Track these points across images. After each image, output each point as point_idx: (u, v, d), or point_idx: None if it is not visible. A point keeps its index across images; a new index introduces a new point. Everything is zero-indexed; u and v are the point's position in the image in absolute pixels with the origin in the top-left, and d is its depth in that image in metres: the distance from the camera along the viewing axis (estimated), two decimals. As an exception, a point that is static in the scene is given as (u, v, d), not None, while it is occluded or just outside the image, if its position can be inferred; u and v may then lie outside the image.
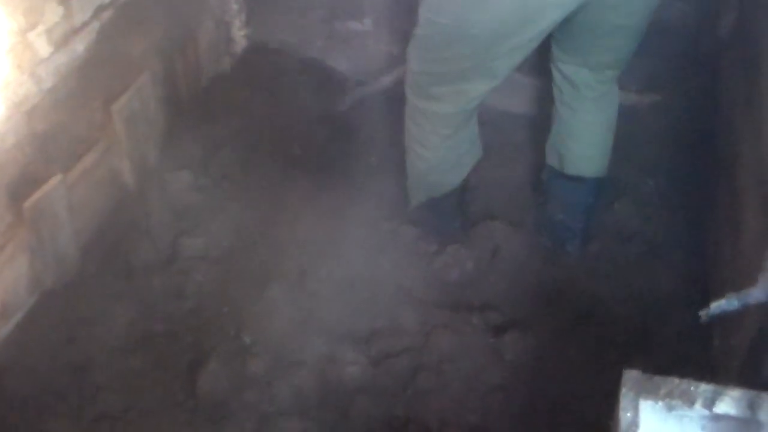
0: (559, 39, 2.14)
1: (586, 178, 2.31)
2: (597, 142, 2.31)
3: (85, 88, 2.19)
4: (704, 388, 1.26)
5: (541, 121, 2.59)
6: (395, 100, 2.77)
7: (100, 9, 2.21)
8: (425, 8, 1.99)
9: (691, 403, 1.24)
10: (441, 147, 2.22)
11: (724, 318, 1.60)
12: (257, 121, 2.73)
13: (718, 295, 1.55)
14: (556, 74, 2.25)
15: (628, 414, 1.24)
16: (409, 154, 2.29)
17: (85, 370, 2.02)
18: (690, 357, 2.06)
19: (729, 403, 1.24)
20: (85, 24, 2.16)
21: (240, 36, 2.83)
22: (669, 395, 1.25)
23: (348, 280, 2.27)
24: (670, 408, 1.24)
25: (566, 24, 1.98)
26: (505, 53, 1.97)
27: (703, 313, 1.53)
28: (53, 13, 2.03)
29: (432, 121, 2.17)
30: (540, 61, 2.42)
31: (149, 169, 2.48)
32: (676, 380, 1.27)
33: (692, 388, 1.26)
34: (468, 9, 1.89)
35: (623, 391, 1.26)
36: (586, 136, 2.30)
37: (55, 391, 1.97)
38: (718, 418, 1.24)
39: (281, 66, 2.90)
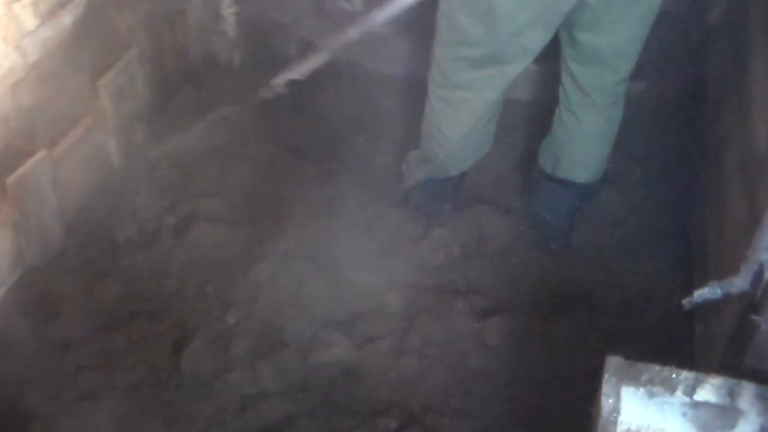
0: (575, 23, 2.05)
1: (578, 183, 2.29)
2: (597, 150, 2.27)
3: (71, 63, 2.17)
4: (685, 375, 1.27)
5: (537, 107, 2.59)
6: (386, 79, 2.77)
7: (87, -17, 2.18)
8: (446, 5, 1.96)
9: (672, 390, 1.25)
10: (462, 137, 2.18)
11: (706, 306, 1.61)
12: (246, 100, 2.71)
13: (702, 283, 1.57)
14: (565, 77, 2.19)
15: (610, 400, 1.25)
16: (425, 137, 2.25)
17: (68, 348, 2.01)
18: (671, 344, 2.08)
19: (710, 391, 1.25)
20: (72, -3, 2.13)
21: (229, 13, 2.80)
22: (650, 382, 1.26)
23: (332, 262, 2.26)
24: (651, 395, 1.25)
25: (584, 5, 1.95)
26: (528, 25, 1.92)
27: (686, 301, 1.54)
28: (39, -14, 2.00)
29: (458, 111, 2.13)
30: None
31: (135, 146, 2.46)
32: (658, 367, 1.28)
33: (673, 376, 1.27)
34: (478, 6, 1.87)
35: (605, 377, 1.27)
36: (587, 145, 2.25)
37: (37, 369, 1.96)
38: (698, 405, 1.25)
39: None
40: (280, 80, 2.47)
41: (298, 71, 2.45)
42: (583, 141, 2.24)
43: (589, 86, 2.14)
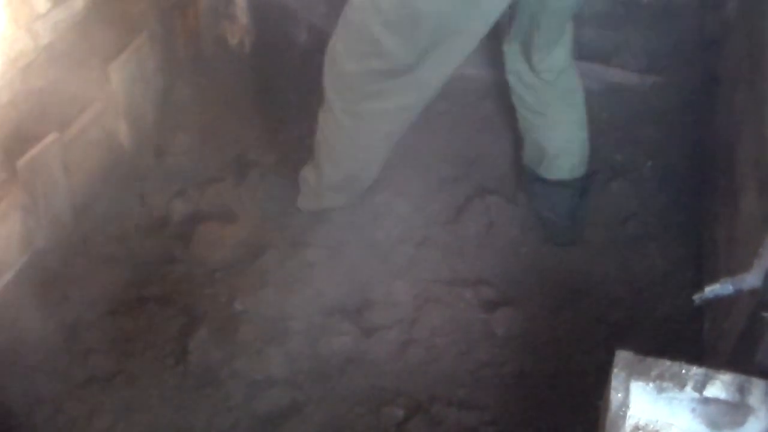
0: (507, 23, 2.06)
1: (570, 180, 2.27)
2: (572, 141, 2.25)
3: (82, 46, 2.16)
4: (695, 371, 1.26)
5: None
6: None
7: (99, -34, 2.18)
8: None
9: (681, 385, 1.24)
10: (380, 144, 2.05)
11: (716, 302, 1.61)
12: (258, 85, 2.70)
13: (713, 279, 1.56)
14: (513, 81, 2.18)
15: (619, 394, 1.25)
16: (331, 159, 2.10)
17: (76, 332, 2.02)
18: (680, 340, 2.07)
19: (719, 387, 1.24)
20: (84, -19, 2.13)
21: (241, -1, 2.80)
22: (660, 377, 1.25)
23: (341, 250, 2.26)
24: (660, 390, 1.25)
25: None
26: (457, 33, 1.81)
27: (696, 297, 1.53)
28: (52, -31, 2.00)
29: (372, 121, 1.98)
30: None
31: (145, 130, 2.46)
32: (668, 362, 1.27)
33: (683, 371, 1.27)
34: None
35: (615, 371, 1.27)
36: (560, 138, 2.23)
37: (45, 352, 1.96)
38: (707, 401, 1.24)
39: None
40: None
41: None
42: (556, 135, 2.22)
43: (534, 80, 2.12)
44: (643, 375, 1.26)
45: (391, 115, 1.97)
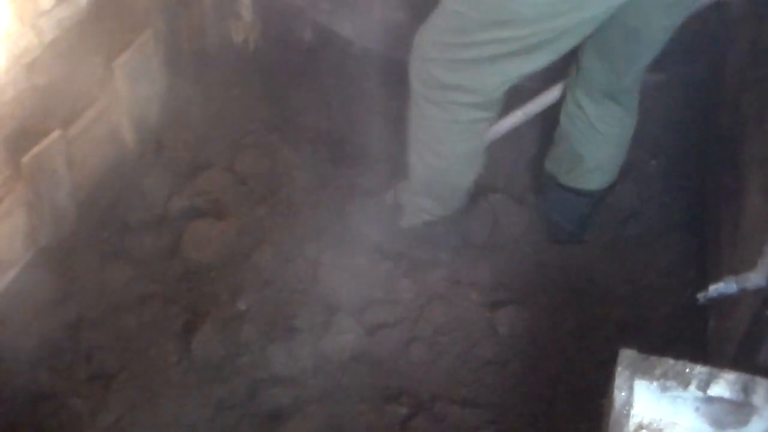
0: (589, 51, 2.00)
1: (593, 191, 2.24)
2: (615, 156, 2.20)
3: (86, 43, 2.16)
4: (699, 370, 1.26)
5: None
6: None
7: (104, -37, 2.17)
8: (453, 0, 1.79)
9: (685, 384, 1.24)
10: (460, 138, 2.00)
11: (720, 301, 1.60)
12: (263, 82, 2.70)
13: (717, 277, 1.55)
14: (571, 102, 2.12)
15: (623, 393, 1.24)
16: (418, 154, 2.07)
17: (80, 329, 2.02)
18: (684, 338, 2.07)
19: (723, 386, 1.24)
20: (88, -23, 2.13)
21: (245, -5, 2.79)
22: (664, 376, 1.25)
23: (345, 248, 2.26)
24: (664, 389, 1.24)
25: (604, 28, 1.84)
26: (555, 38, 1.76)
27: (700, 296, 1.53)
28: (56, -35, 2.00)
29: (451, 110, 1.95)
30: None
31: (149, 127, 2.46)
32: (672, 361, 1.27)
33: (687, 370, 1.26)
34: None
35: (618, 369, 1.26)
36: (603, 152, 2.17)
37: (49, 349, 1.97)
38: (711, 400, 1.24)
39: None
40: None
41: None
42: (602, 152, 2.17)
43: (611, 95, 2.06)
44: (646, 374, 1.25)
45: (469, 108, 1.95)
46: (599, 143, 2.16)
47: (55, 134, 2.08)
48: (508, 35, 1.77)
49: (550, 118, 2.34)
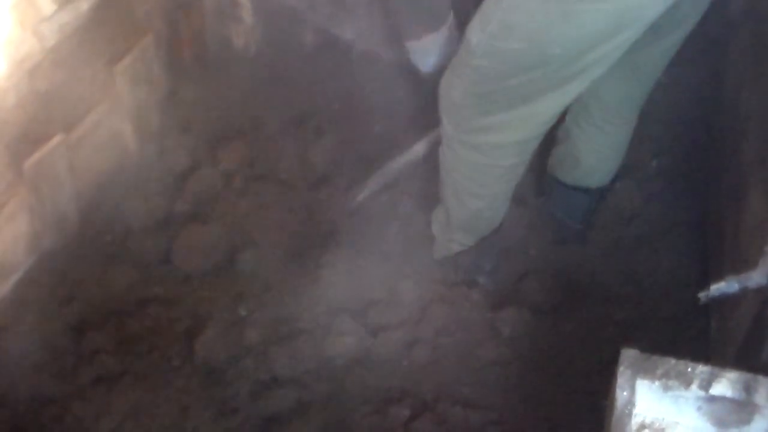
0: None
1: (596, 188, 2.24)
2: (619, 155, 2.19)
3: (88, 48, 2.17)
4: (701, 369, 1.26)
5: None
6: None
7: (104, -32, 2.18)
8: (485, 36, 1.66)
9: (687, 383, 1.24)
10: (501, 180, 1.95)
11: (722, 300, 1.60)
12: (263, 86, 2.71)
13: (718, 277, 1.55)
14: (571, 115, 2.09)
15: (625, 393, 1.24)
16: (456, 195, 2.01)
17: (82, 332, 2.03)
18: (686, 338, 2.07)
19: (725, 385, 1.24)
20: (89, -17, 2.13)
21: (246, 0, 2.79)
22: (666, 375, 1.25)
23: (347, 249, 2.26)
24: (666, 388, 1.24)
25: None
26: (587, 67, 1.66)
27: (702, 295, 1.53)
28: (57, -29, 2.00)
29: (490, 154, 1.87)
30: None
31: (151, 132, 2.47)
32: (673, 361, 1.27)
33: (689, 369, 1.26)
34: (551, 25, 1.56)
35: (620, 369, 1.26)
36: (610, 153, 2.17)
37: (52, 352, 1.97)
38: (714, 399, 1.24)
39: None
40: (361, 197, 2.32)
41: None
42: (607, 150, 2.16)
43: (616, 102, 2.03)
44: (648, 373, 1.25)
45: (507, 149, 1.87)
46: (603, 142, 2.14)
47: (57, 139, 2.08)
48: (539, 75, 1.68)
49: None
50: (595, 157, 2.18)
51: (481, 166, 1.91)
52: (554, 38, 1.59)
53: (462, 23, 1.92)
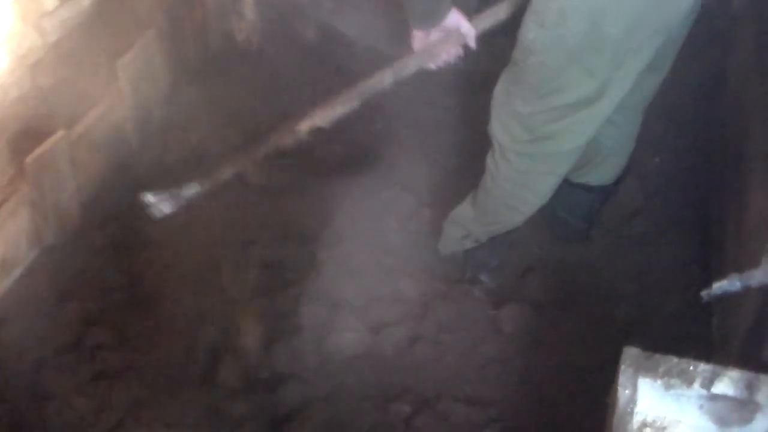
0: None
1: (601, 186, 2.23)
2: (626, 146, 2.18)
3: (90, 43, 2.17)
4: (703, 367, 1.26)
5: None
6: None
7: (107, -37, 2.18)
8: (543, 29, 1.74)
9: (689, 382, 1.24)
10: (553, 186, 2.01)
11: (724, 298, 1.60)
12: (265, 81, 2.71)
13: (721, 275, 1.55)
14: None
15: (627, 391, 1.24)
16: (505, 204, 2.05)
17: (84, 328, 2.02)
18: (688, 336, 2.06)
19: (727, 384, 1.24)
20: (91, -22, 2.13)
21: (248, -5, 2.80)
22: (668, 374, 1.25)
23: (348, 246, 2.26)
24: (668, 387, 1.24)
25: None
26: (634, 53, 1.75)
27: (704, 293, 1.52)
28: (59, -34, 2.00)
29: (547, 162, 1.94)
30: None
31: (152, 127, 2.47)
32: (675, 359, 1.27)
33: (691, 368, 1.26)
34: (608, 3, 1.67)
35: (622, 367, 1.26)
36: (618, 150, 2.16)
37: (54, 348, 1.97)
38: (715, 398, 1.24)
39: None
40: (305, 126, 2.31)
41: (324, 118, 2.20)
42: (613, 143, 2.14)
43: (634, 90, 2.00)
44: (650, 372, 1.25)
45: (565, 156, 1.94)
46: (611, 134, 2.11)
47: (59, 134, 2.08)
48: (598, 60, 1.75)
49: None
50: (603, 150, 2.15)
51: (536, 174, 1.96)
52: (610, 15, 1.68)
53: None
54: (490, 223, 2.13)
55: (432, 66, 1.97)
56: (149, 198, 2.03)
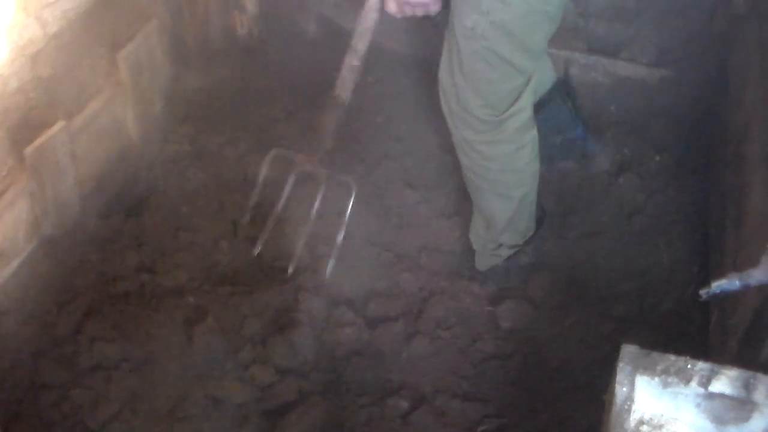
0: None
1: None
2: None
3: (91, 35, 2.16)
4: (701, 366, 1.26)
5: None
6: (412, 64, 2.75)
7: (108, -46, 2.17)
8: (481, 16, 1.77)
9: (687, 380, 1.24)
10: (532, 154, 2.03)
11: (723, 297, 1.60)
12: (266, 74, 2.70)
13: (719, 274, 1.55)
14: None
15: (624, 388, 1.25)
16: (497, 194, 2.06)
17: (82, 319, 2.02)
18: (686, 334, 2.07)
19: (725, 383, 1.24)
20: (93, -32, 2.12)
21: (249, -12, 2.79)
22: (665, 372, 1.25)
23: (348, 241, 2.26)
24: (665, 384, 1.25)
25: None
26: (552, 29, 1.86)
27: (703, 292, 1.53)
28: (61, -44, 1.99)
29: (514, 137, 1.97)
30: None
31: (153, 119, 2.46)
32: (673, 357, 1.27)
33: (689, 366, 1.26)
34: None
35: (620, 365, 1.26)
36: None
37: (52, 338, 1.97)
38: (713, 396, 1.24)
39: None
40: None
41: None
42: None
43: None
44: (648, 369, 1.25)
45: (526, 126, 1.98)
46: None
47: (59, 125, 2.08)
48: (546, 22, 1.83)
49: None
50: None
51: (511, 152, 1.98)
52: None
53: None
54: (505, 222, 2.11)
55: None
56: None
